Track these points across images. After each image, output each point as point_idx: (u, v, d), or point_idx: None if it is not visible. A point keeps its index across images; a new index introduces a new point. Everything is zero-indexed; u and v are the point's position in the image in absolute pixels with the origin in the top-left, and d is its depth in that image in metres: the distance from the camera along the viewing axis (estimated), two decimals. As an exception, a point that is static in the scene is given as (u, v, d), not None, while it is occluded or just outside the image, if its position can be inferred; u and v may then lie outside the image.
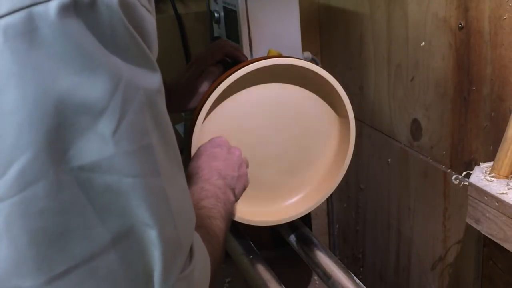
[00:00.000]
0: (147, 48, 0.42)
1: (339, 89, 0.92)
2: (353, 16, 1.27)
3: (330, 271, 0.90)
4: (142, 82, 0.40)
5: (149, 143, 0.41)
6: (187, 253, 0.46)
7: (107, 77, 0.38)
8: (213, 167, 0.78)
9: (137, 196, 0.40)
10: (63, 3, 0.36)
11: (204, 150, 0.82)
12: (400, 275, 1.29)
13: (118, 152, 0.39)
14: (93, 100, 0.37)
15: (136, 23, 0.40)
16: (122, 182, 0.39)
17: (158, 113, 0.42)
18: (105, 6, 0.37)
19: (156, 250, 0.41)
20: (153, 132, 0.41)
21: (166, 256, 0.42)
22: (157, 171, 0.41)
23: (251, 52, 1.02)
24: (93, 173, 0.38)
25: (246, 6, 0.99)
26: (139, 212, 0.40)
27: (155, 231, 0.41)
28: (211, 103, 0.85)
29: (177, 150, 0.47)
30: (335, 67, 1.38)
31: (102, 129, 0.38)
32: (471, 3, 0.89)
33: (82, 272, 0.39)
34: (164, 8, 1.33)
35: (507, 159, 0.78)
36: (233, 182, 0.79)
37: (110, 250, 0.40)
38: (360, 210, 1.44)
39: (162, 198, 0.42)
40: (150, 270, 0.41)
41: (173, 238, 0.43)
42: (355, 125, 0.95)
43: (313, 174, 0.99)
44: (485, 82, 0.90)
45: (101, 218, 0.39)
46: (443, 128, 1.03)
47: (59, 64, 0.37)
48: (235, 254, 0.95)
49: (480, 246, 0.99)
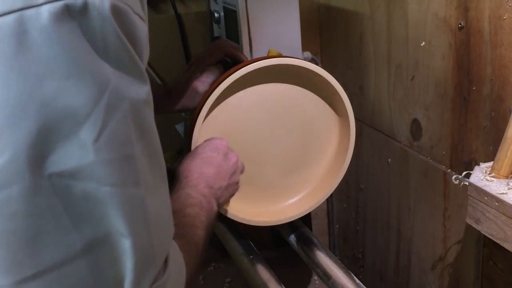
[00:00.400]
0: (138, 56, 0.41)
1: (339, 89, 0.92)
2: (353, 16, 1.27)
3: (330, 271, 0.90)
4: (129, 91, 0.40)
5: (131, 153, 0.40)
6: (161, 264, 0.45)
7: (93, 85, 0.38)
8: (204, 174, 0.77)
9: (114, 205, 0.39)
10: (55, 8, 0.36)
11: (200, 153, 0.81)
12: (400, 275, 1.29)
13: (98, 160, 0.38)
14: (77, 106, 0.37)
15: (127, 30, 0.40)
16: (100, 190, 0.39)
17: (144, 124, 0.42)
18: (96, 12, 0.37)
19: (128, 260, 0.41)
20: (137, 143, 0.41)
21: (138, 267, 0.41)
22: (137, 181, 0.41)
23: (251, 52, 1.02)
24: (72, 179, 0.38)
25: (246, 6, 0.99)
26: (115, 221, 0.40)
27: (129, 241, 0.40)
28: (211, 103, 0.85)
29: (162, 162, 0.47)
30: (335, 67, 1.38)
31: (84, 137, 0.38)
32: (471, 3, 0.89)
33: (51, 278, 0.39)
34: (164, 8, 1.33)
35: (507, 159, 0.78)
36: (219, 192, 0.78)
37: (82, 257, 0.39)
38: (360, 210, 1.44)
39: (140, 208, 0.41)
40: (121, 279, 0.41)
41: (147, 249, 0.43)
42: (355, 125, 0.95)
43: (313, 174, 0.99)
44: (485, 82, 0.90)
45: (76, 224, 0.39)
46: (443, 128, 1.03)
47: (46, 69, 0.36)
48: (235, 254, 0.95)
49: (480, 246, 0.99)
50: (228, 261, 1.19)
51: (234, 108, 0.89)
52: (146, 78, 0.42)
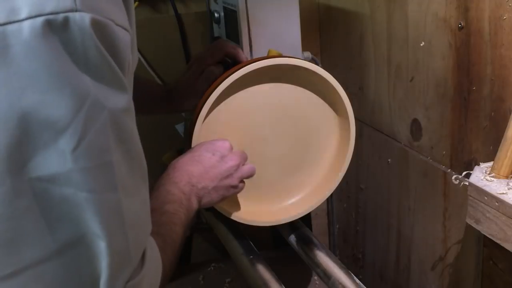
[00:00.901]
0: (119, 67, 0.43)
1: (339, 89, 0.92)
2: (353, 16, 1.27)
3: (330, 271, 0.90)
4: (108, 101, 0.42)
5: (109, 160, 0.42)
6: (137, 262, 0.47)
7: (73, 97, 0.39)
8: (187, 171, 0.77)
9: (90, 209, 0.41)
10: (36, 23, 0.37)
11: (193, 151, 0.82)
12: (400, 275, 1.29)
13: (76, 168, 0.40)
14: (56, 117, 0.39)
15: (108, 43, 0.41)
16: (77, 195, 0.41)
17: (124, 131, 0.44)
18: (77, 27, 0.39)
19: (103, 260, 0.43)
20: (116, 149, 0.43)
21: (113, 266, 0.43)
22: (114, 187, 0.43)
23: (251, 52, 1.02)
24: (51, 184, 0.40)
25: (246, 6, 0.99)
26: (91, 224, 0.42)
27: (104, 242, 0.42)
28: (211, 103, 0.85)
29: (143, 163, 0.49)
30: (335, 67, 1.38)
31: (63, 145, 0.40)
32: (471, 3, 0.89)
33: (29, 275, 0.41)
34: (164, 8, 1.33)
35: (507, 159, 0.78)
36: (202, 192, 0.78)
37: (59, 256, 0.41)
38: (360, 210, 1.44)
39: (116, 212, 0.43)
40: (96, 278, 0.43)
41: (122, 250, 0.44)
42: (355, 125, 0.95)
43: (313, 174, 0.99)
44: (485, 82, 0.90)
45: (54, 226, 0.41)
46: (443, 128, 1.03)
47: (27, 82, 0.38)
48: (235, 254, 0.95)
49: (480, 246, 0.99)
50: (228, 261, 1.19)
51: (234, 108, 0.89)
52: (126, 87, 0.44)
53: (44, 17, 0.38)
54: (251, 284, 0.90)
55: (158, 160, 1.22)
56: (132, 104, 0.46)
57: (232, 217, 0.93)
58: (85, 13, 0.39)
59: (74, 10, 0.39)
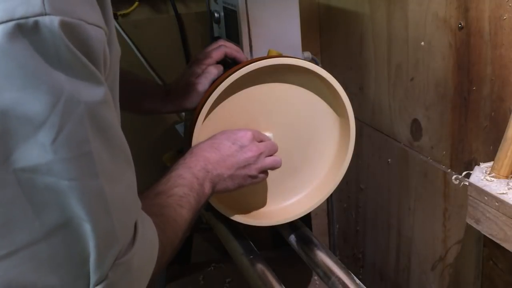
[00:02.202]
0: (93, 63, 0.46)
1: (339, 89, 0.92)
2: (353, 16, 1.27)
3: (330, 271, 0.90)
4: (84, 95, 0.45)
5: (88, 150, 0.45)
6: (126, 241, 0.51)
7: (48, 93, 0.43)
8: (204, 157, 0.80)
9: (73, 196, 0.45)
10: (8, 28, 0.41)
11: (214, 138, 0.85)
12: (400, 275, 1.29)
13: (56, 158, 0.44)
14: (34, 113, 0.42)
15: (79, 42, 0.44)
16: (60, 183, 0.44)
17: (102, 122, 0.47)
18: (47, 29, 0.42)
19: (91, 241, 0.47)
20: (95, 140, 0.46)
21: (100, 246, 0.47)
22: (95, 174, 0.46)
23: (251, 52, 1.02)
24: (34, 174, 0.44)
25: (246, 6, 0.99)
26: (76, 209, 0.45)
27: (89, 225, 0.46)
28: (211, 103, 0.85)
29: (126, 149, 0.52)
30: (335, 67, 1.38)
31: (42, 138, 0.43)
32: (471, 3, 0.89)
33: (23, 255, 0.45)
34: (164, 8, 1.33)
35: (507, 159, 0.78)
36: (217, 178, 0.81)
37: (49, 238, 0.46)
38: (360, 210, 1.44)
39: (99, 197, 0.47)
40: (86, 257, 0.47)
41: (108, 231, 0.48)
42: (355, 125, 0.95)
43: (313, 174, 0.99)
44: (485, 82, 0.90)
45: (41, 211, 0.45)
46: (443, 128, 1.03)
47: (4, 81, 0.42)
48: (235, 254, 0.95)
49: (480, 246, 0.99)
50: (228, 261, 1.19)
51: (234, 108, 0.89)
52: (101, 80, 0.47)
53: (15, 22, 0.41)
54: (251, 284, 0.90)
55: (158, 160, 1.22)
56: (110, 95, 0.49)
57: (232, 217, 0.93)
58: (54, 16, 0.42)
59: (43, 14, 0.42)
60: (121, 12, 1.29)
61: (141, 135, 1.39)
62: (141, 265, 0.55)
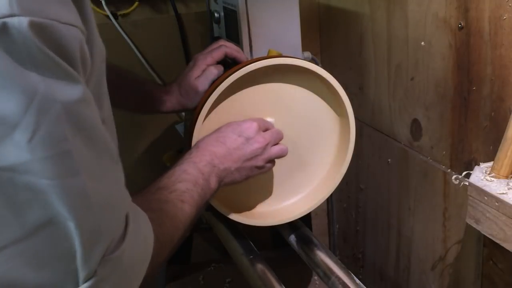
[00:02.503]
0: (68, 62, 0.46)
1: (339, 89, 0.92)
2: (353, 16, 1.27)
3: (330, 271, 0.90)
4: (60, 94, 0.45)
5: (66, 148, 0.45)
6: (114, 237, 0.51)
7: (22, 94, 0.43)
8: (210, 152, 0.80)
9: (54, 194, 0.45)
10: None
11: (219, 131, 0.84)
12: (400, 275, 1.30)
13: (34, 158, 0.44)
14: (8, 113, 0.43)
15: (52, 42, 0.44)
16: (39, 182, 0.44)
17: (82, 120, 0.47)
18: (16, 31, 0.42)
19: (76, 238, 0.47)
20: (74, 138, 0.46)
21: (85, 243, 0.47)
22: (76, 172, 0.46)
23: (251, 52, 1.02)
24: (13, 173, 0.44)
25: (246, 6, 0.99)
26: (58, 207, 0.45)
27: (73, 223, 0.46)
28: (211, 103, 0.85)
29: (112, 147, 0.52)
30: (335, 67, 1.38)
31: (18, 138, 0.43)
32: (471, 3, 0.89)
33: (10, 252, 0.46)
34: (164, 8, 1.33)
35: (507, 159, 0.78)
36: (224, 172, 0.81)
37: (35, 235, 0.46)
38: (360, 210, 1.44)
39: (81, 195, 0.47)
40: (73, 252, 0.47)
41: (93, 228, 0.48)
42: (355, 125, 0.95)
43: (313, 174, 0.99)
44: (485, 82, 0.90)
45: (23, 210, 0.45)
46: (443, 128, 1.03)
47: None
48: (235, 254, 0.95)
49: (480, 246, 0.99)
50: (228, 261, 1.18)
51: (234, 108, 0.89)
52: (78, 79, 0.47)
53: None
54: (251, 284, 0.90)
55: (158, 160, 1.22)
56: (89, 94, 0.49)
57: (232, 217, 0.93)
58: (23, 17, 0.42)
59: (12, 15, 0.42)
60: (121, 12, 1.29)
61: (141, 135, 1.39)
62: (134, 261, 0.55)
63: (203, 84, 0.91)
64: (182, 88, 0.94)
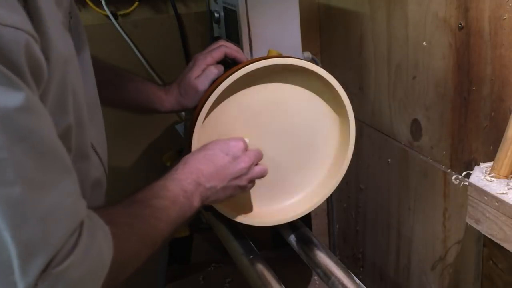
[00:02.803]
0: (8, 67, 0.44)
1: (339, 89, 0.92)
2: (353, 16, 1.27)
3: (330, 271, 0.90)
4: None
5: (2, 157, 0.44)
6: (58, 251, 0.49)
7: None
8: (198, 169, 0.78)
9: None
10: None
11: (207, 148, 0.83)
12: (400, 275, 1.30)
13: None
14: None
15: None
16: None
17: (22, 128, 0.46)
18: None
19: (12, 249, 0.46)
20: (11, 147, 0.45)
21: (22, 255, 0.46)
22: (13, 181, 0.45)
23: (251, 52, 1.02)
24: None
25: (246, 6, 0.99)
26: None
27: (8, 233, 0.45)
28: (211, 103, 0.85)
29: (61, 157, 0.50)
30: (335, 67, 1.38)
31: None
32: (471, 3, 0.89)
33: None
34: (164, 8, 1.33)
35: (507, 159, 0.78)
36: (210, 191, 0.79)
37: None
38: (360, 210, 1.44)
39: (17, 205, 0.45)
40: (11, 265, 0.46)
41: (30, 239, 0.47)
42: (355, 125, 0.95)
43: (313, 174, 0.99)
44: (485, 82, 0.90)
45: None
46: (443, 128, 1.03)
47: None
48: (235, 254, 0.95)
49: (480, 246, 0.99)
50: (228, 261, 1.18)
51: (234, 108, 0.89)
52: (21, 85, 0.45)
53: None
54: (251, 284, 0.90)
55: (158, 160, 1.22)
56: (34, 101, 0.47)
57: (232, 217, 0.93)
58: None
59: None
60: (121, 12, 1.29)
61: (141, 135, 1.39)
62: (83, 276, 0.52)
63: (203, 83, 0.91)
64: (182, 88, 0.94)
